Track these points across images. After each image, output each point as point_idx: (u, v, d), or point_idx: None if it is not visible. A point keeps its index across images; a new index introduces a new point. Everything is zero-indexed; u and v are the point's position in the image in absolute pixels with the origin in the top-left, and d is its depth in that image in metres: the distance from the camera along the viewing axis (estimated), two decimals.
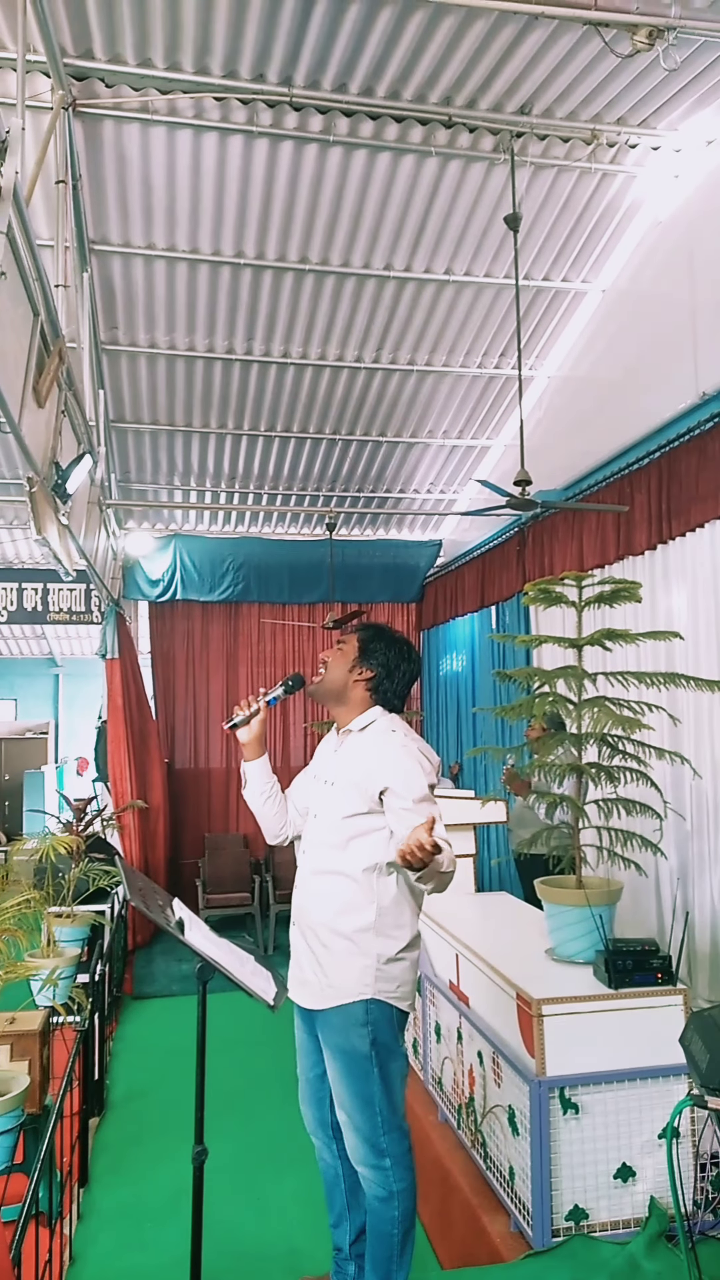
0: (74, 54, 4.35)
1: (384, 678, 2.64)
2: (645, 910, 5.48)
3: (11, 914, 3.72)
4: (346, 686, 2.65)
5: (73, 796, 6.78)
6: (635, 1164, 2.85)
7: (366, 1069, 2.45)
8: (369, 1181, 2.49)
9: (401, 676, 2.66)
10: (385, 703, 2.65)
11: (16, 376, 2.91)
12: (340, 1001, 2.47)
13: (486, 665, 8.37)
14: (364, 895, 2.48)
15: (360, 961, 2.46)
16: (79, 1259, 3.30)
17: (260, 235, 5.64)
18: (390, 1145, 2.46)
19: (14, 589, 8.92)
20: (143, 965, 7.28)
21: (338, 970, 2.49)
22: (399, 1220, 2.46)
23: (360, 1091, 2.45)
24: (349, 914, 2.49)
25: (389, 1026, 2.48)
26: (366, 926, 2.47)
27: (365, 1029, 2.45)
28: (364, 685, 2.64)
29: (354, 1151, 2.51)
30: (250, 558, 9.26)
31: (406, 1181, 2.48)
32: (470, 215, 5.63)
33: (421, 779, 2.45)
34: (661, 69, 4.34)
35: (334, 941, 2.50)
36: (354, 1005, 2.45)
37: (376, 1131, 2.45)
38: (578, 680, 3.51)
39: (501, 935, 3.82)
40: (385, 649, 2.65)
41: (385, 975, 2.47)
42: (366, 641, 2.67)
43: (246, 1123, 4.35)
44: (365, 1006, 2.45)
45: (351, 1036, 2.46)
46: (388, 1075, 2.46)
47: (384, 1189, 2.46)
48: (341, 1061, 2.48)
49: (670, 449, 5.35)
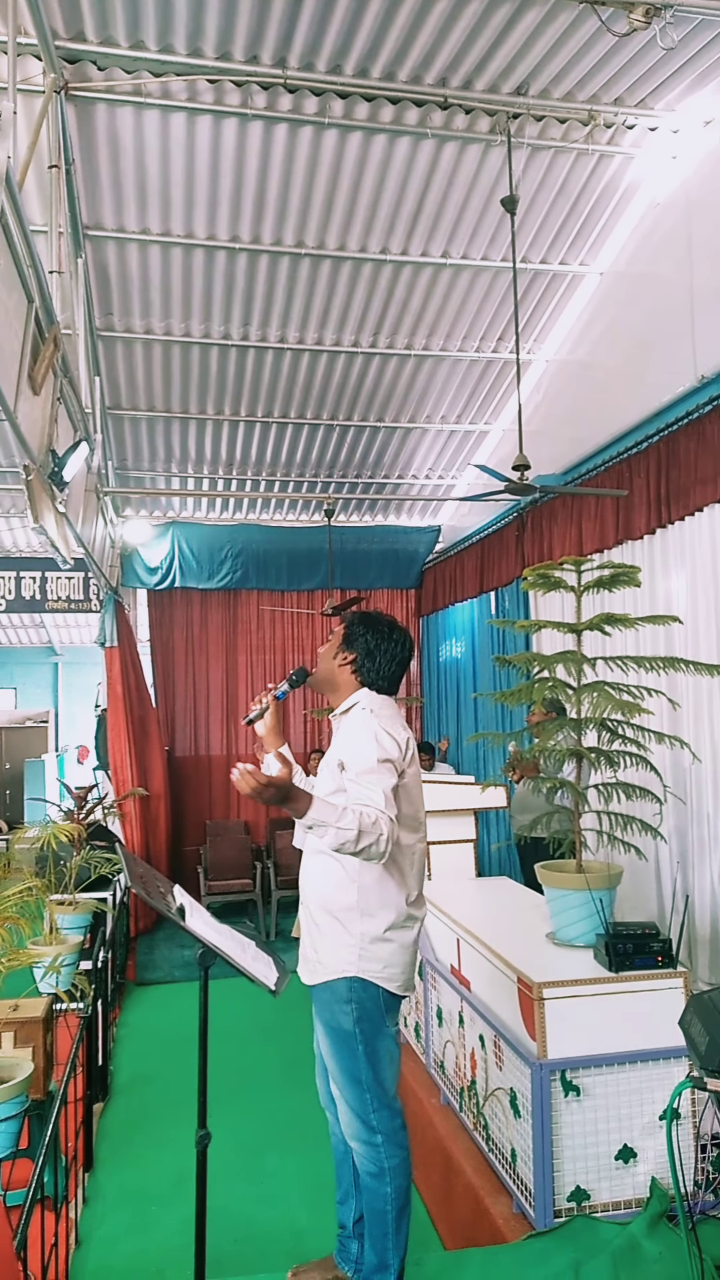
0: (65, 36, 4.30)
1: (364, 659, 2.69)
2: (645, 894, 5.50)
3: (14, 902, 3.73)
4: (334, 672, 2.73)
5: (73, 785, 6.79)
6: (636, 1145, 2.87)
7: (352, 1046, 2.49)
8: (361, 1157, 2.53)
9: (384, 656, 2.69)
10: (372, 684, 2.70)
11: (12, 364, 2.89)
12: (327, 978, 2.53)
13: (486, 651, 8.37)
14: (346, 875, 2.53)
15: (345, 940, 2.52)
16: (84, 1242, 3.33)
17: (255, 219, 5.59)
18: (380, 1122, 2.50)
19: (12, 578, 8.91)
20: (145, 952, 7.32)
21: (326, 947, 2.55)
22: (391, 1197, 2.48)
23: (347, 1068, 2.51)
24: (335, 893, 2.55)
25: (375, 1006, 2.51)
26: (350, 905, 2.52)
27: (349, 1005, 2.49)
28: (349, 669, 2.71)
29: (347, 1127, 2.57)
30: (249, 545, 9.24)
31: (398, 1159, 2.51)
32: (467, 197, 5.58)
33: (371, 751, 2.45)
34: (659, 48, 4.31)
35: (323, 919, 2.57)
36: (338, 982, 2.51)
37: (366, 1108, 2.49)
38: (577, 665, 3.51)
39: (502, 919, 3.83)
40: (365, 632, 2.71)
41: (370, 955, 2.50)
42: (349, 627, 2.75)
43: (249, 1107, 4.37)
44: (349, 984, 2.49)
45: (336, 1013, 2.51)
46: (374, 1054, 2.50)
47: (375, 1165, 2.50)
48: (330, 1037, 2.55)
49: (669, 432, 5.33)
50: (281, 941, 7.15)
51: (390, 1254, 2.48)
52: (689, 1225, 2.36)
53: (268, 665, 9.72)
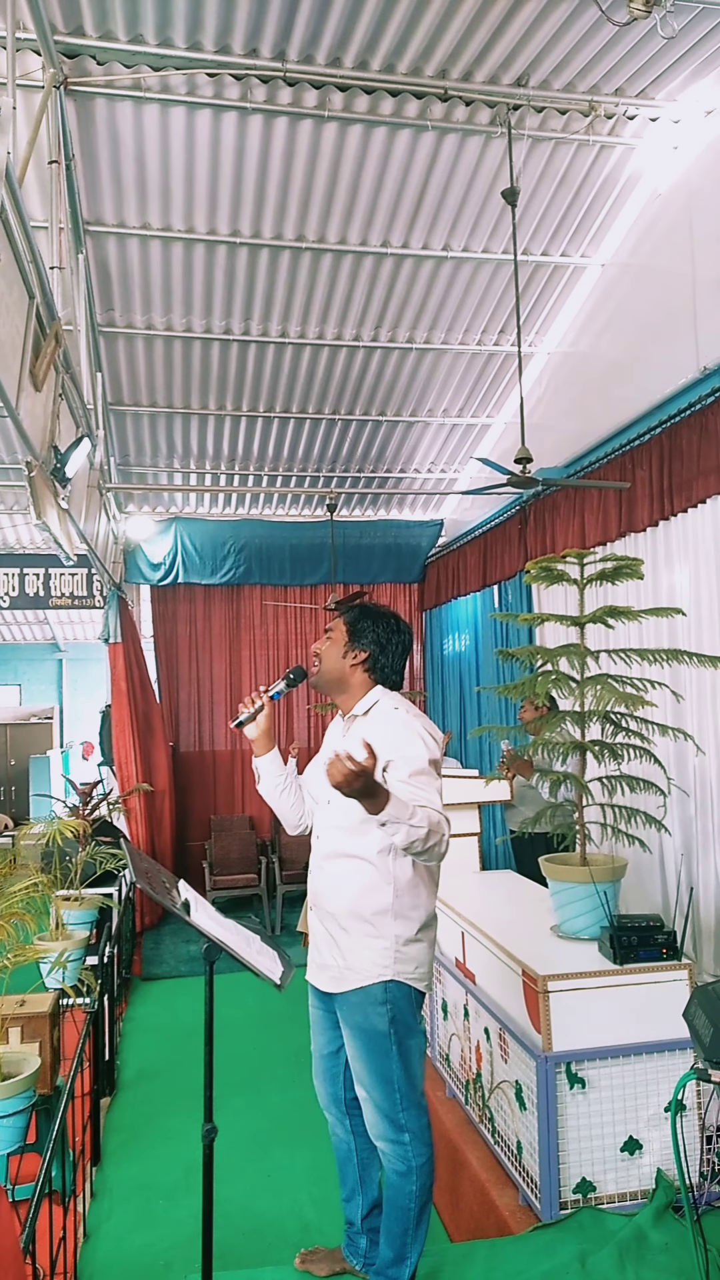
0: (64, 31, 4.29)
1: (378, 654, 2.64)
2: (650, 886, 5.50)
3: (20, 898, 3.74)
4: (344, 672, 2.65)
5: (78, 781, 6.81)
6: (642, 1137, 2.87)
7: (385, 1046, 2.46)
8: (388, 1156, 2.51)
9: (395, 650, 2.66)
10: (385, 680, 2.66)
11: (13, 360, 2.89)
12: (360, 984, 2.48)
13: (489, 644, 8.36)
14: (381, 877, 2.48)
15: (379, 944, 2.47)
16: (92, 1236, 3.34)
17: (256, 213, 5.58)
18: (409, 1121, 2.48)
19: (15, 574, 8.92)
20: (151, 947, 7.33)
21: (356, 953, 2.49)
22: (416, 1195, 2.48)
23: (379, 1069, 2.47)
24: (366, 896, 2.49)
25: (407, 1005, 2.49)
26: (385, 908, 2.48)
27: (384, 1007, 2.46)
28: (361, 667, 2.64)
29: (373, 1127, 2.53)
30: (251, 540, 9.24)
31: (425, 1157, 2.50)
32: (468, 189, 5.57)
33: (422, 753, 2.45)
34: (659, 37, 4.29)
35: (352, 925, 2.50)
36: (373, 986, 2.46)
37: (395, 1108, 2.47)
38: (580, 658, 3.50)
39: (507, 913, 3.84)
40: (373, 626, 2.64)
41: (404, 957, 2.48)
42: (354, 623, 2.67)
43: (255, 1100, 4.39)
44: (384, 987, 2.46)
45: (370, 1015, 2.47)
46: (406, 1052, 2.48)
47: (403, 1164, 2.48)
48: (361, 1040, 2.50)
49: (671, 424, 5.31)
50: (286, 936, 7.16)
51: (409, 1249, 2.48)
52: (694, 1216, 2.36)
53: (271, 660, 9.72)
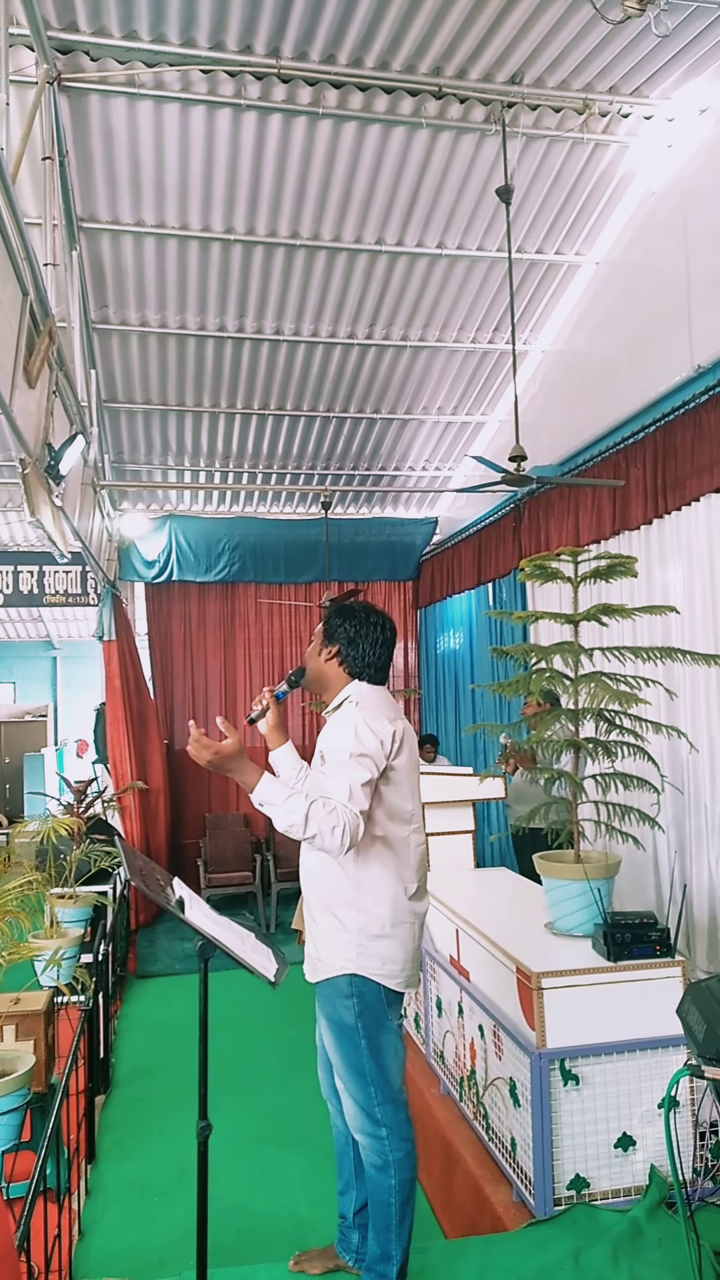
0: (58, 27, 4.27)
1: (347, 648, 2.67)
2: (643, 883, 5.51)
3: (14, 896, 3.74)
4: (322, 669, 2.71)
5: (73, 778, 6.80)
6: (635, 1133, 2.88)
7: (354, 1040, 2.49)
8: (366, 1150, 2.54)
9: (367, 643, 2.66)
10: (360, 674, 2.67)
11: (7, 357, 2.89)
12: (328, 975, 2.52)
13: (484, 642, 8.38)
14: (341, 869, 2.52)
15: (342, 937, 2.50)
16: (87, 1233, 3.34)
17: (250, 211, 5.57)
18: (385, 1116, 2.49)
19: (9, 572, 8.90)
20: (146, 944, 7.33)
21: (325, 944, 2.54)
22: (395, 1189, 2.49)
23: (351, 1061, 2.50)
24: (331, 888, 2.53)
25: (377, 1000, 2.50)
26: (347, 902, 2.51)
27: (350, 1000, 2.49)
28: (336, 663, 2.68)
29: (352, 1120, 2.56)
30: (246, 538, 9.23)
31: (403, 1151, 2.51)
32: (462, 188, 5.57)
33: (347, 745, 2.44)
34: (653, 35, 4.29)
35: (321, 917, 2.56)
36: (339, 979, 2.50)
37: (370, 1101, 2.49)
38: (574, 655, 3.51)
39: (501, 910, 3.85)
40: (343, 621, 2.69)
41: (369, 952, 2.49)
42: (326, 621, 2.74)
43: (250, 1098, 4.39)
44: (350, 980, 2.49)
45: (339, 1007, 2.51)
46: (377, 1047, 2.50)
47: (380, 1158, 2.50)
48: (332, 1031, 2.54)
49: (666, 422, 5.32)
50: (281, 933, 7.17)
51: (393, 1245, 2.49)
52: (688, 1212, 2.37)
53: (266, 658, 9.72)
